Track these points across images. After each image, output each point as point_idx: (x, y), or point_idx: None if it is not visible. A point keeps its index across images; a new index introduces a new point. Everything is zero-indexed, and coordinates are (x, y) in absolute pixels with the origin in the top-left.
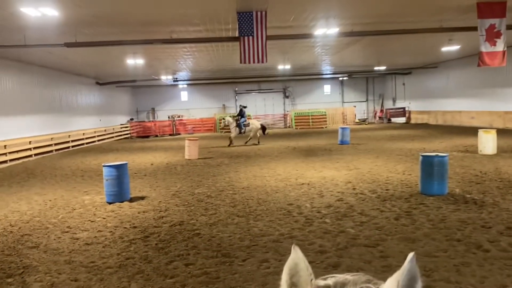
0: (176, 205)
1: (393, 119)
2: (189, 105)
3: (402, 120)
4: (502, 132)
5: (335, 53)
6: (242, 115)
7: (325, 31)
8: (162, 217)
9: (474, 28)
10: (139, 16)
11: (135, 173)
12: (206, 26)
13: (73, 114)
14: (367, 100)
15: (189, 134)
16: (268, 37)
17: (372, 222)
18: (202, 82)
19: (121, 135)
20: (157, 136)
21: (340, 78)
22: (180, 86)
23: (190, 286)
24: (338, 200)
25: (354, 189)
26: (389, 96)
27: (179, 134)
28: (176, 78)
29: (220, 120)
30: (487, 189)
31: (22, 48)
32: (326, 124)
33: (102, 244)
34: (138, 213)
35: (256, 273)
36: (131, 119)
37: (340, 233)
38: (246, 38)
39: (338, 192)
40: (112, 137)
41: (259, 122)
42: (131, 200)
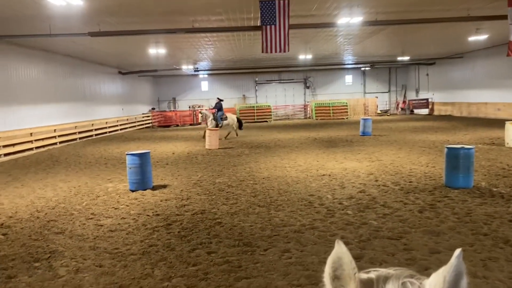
0: (198, 194)
1: (416, 111)
2: (210, 95)
3: (425, 111)
4: None
5: (357, 42)
6: (219, 108)
7: (348, 20)
8: (184, 206)
9: (503, 17)
10: (162, 5)
11: (157, 162)
12: (228, 15)
13: (96, 103)
14: (389, 91)
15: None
16: (290, 26)
17: (395, 215)
18: (222, 72)
19: (142, 124)
20: (177, 125)
21: (362, 68)
22: (201, 76)
23: (212, 274)
24: (360, 192)
25: (377, 180)
26: (412, 87)
27: (200, 124)
28: (197, 68)
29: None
30: None
31: (47, 38)
32: (347, 115)
33: (126, 231)
34: (161, 201)
35: (278, 263)
36: (153, 108)
37: (363, 225)
38: (268, 27)
39: (360, 184)
40: (134, 126)
41: (235, 116)
42: (154, 188)
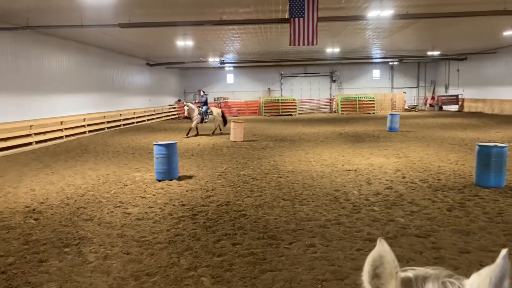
0: (223, 185)
1: (445, 107)
2: (235, 87)
3: (454, 108)
4: None
5: (386, 36)
6: (205, 102)
7: (378, 13)
8: (209, 197)
9: None
10: None
11: (183, 153)
12: (256, 7)
13: (124, 93)
14: (418, 87)
15: (233, 116)
16: (319, 19)
17: (423, 212)
18: (248, 65)
19: (169, 116)
20: None
21: (390, 63)
22: (227, 68)
23: (237, 265)
24: (387, 188)
25: (404, 177)
26: (442, 82)
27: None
28: (223, 61)
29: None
30: None
31: (79, 29)
32: (374, 110)
33: (153, 220)
34: (186, 191)
35: (303, 257)
36: (179, 100)
37: (389, 222)
38: (296, 20)
39: (387, 180)
40: (161, 117)
41: (220, 110)
42: (180, 178)
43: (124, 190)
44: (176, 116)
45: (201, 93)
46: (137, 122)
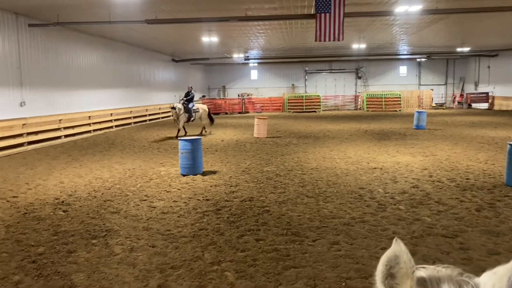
0: (246, 181)
1: (474, 105)
2: (259, 84)
3: (484, 106)
4: None
5: (414, 32)
6: (191, 99)
7: (407, 8)
8: (233, 192)
9: None
10: None
11: (207, 148)
12: (281, 3)
13: (150, 89)
14: (446, 84)
15: (257, 113)
16: (345, 14)
17: (451, 212)
18: (272, 61)
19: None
20: (226, 113)
21: (418, 59)
22: (251, 64)
23: (261, 261)
24: (413, 187)
25: (431, 176)
26: (471, 79)
27: (248, 112)
28: (247, 57)
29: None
30: None
31: (107, 25)
32: (400, 107)
33: (177, 214)
34: (210, 186)
35: (327, 255)
36: (203, 96)
37: (416, 221)
38: (322, 15)
39: (413, 179)
40: None
41: (207, 107)
42: (204, 173)
43: (150, 184)
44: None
45: (189, 88)
46: (162, 118)
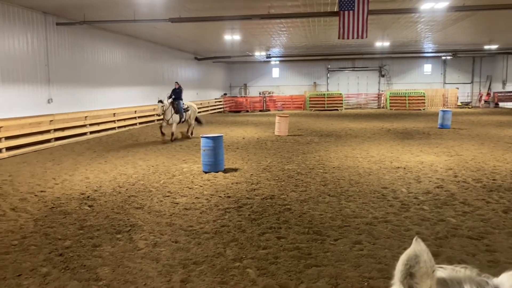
0: (267, 179)
1: (501, 104)
2: (280, 82)
3: None
4: None
5: (440, 29)
6: (179, 96)
7: (433, 5)
8: (254, 190)
9: None
10: None
11: (228, 146)
12: (304, 0)
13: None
14: (472, 82)
15: (278, 110)
16: (369, 12)
17: (476, 213)
18: (294, 59)
19: (215, 109)
20: (247, 111)
21: (443, 57)
22: (272, 62)
23: (282, 259)
24: (438, 187)
25: (456, 176)
26: (499, 78)
27: (269, 110)
28: (269, 55)
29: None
30: None
31: (131, 23)
32: (424, 106)
33: (200, 210)
34: (232, 184)
35: (349, 254)
36: (225, 94)
37: (440, 222)
38: (346, 13)
39: (438, 179)
40: (207, 110)
41: (196, 106)
42: (225, 171)
43: (173, 181)
44: (222, 109)
45: (175, 85)
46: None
